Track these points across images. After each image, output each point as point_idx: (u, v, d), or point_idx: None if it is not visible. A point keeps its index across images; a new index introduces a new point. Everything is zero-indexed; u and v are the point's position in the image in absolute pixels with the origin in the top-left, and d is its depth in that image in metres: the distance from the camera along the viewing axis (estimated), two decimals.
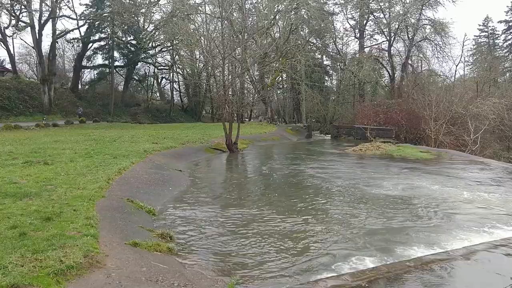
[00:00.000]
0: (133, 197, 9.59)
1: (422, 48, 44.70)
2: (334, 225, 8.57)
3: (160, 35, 53.82)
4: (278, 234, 7.91)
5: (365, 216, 9.28)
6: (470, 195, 11.69)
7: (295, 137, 34.65)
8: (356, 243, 7.41)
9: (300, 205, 10.36)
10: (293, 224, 8.59)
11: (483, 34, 72.66)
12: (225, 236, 7.73)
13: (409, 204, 10.56)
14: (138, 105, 56.94)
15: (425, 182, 13.65)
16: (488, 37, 72.90)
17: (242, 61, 23.28)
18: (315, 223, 8.73)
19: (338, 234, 7.92)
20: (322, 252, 6.95)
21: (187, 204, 10.34)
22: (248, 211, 9.69)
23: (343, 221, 8.85)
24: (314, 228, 8.31)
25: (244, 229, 8.20)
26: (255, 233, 7.97)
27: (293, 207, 10.18)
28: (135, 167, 13.27)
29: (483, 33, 72.64)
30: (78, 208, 7.65)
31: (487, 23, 71.50)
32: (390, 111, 34.45)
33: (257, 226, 8.43)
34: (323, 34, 49.36)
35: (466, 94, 32.55)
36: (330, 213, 9.63)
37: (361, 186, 12.77)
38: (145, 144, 20.02)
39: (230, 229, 8.19)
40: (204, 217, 9.12)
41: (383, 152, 22.34)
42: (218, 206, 10.24)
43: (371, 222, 8.86)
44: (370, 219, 9.09)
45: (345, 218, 9.14)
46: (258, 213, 9.49)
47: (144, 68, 60.57)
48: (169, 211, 9.49)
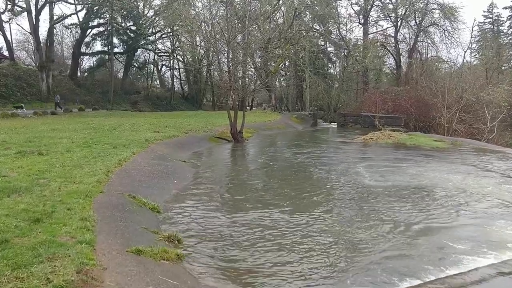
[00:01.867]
0: (135, 192, 8.67)
1: (430, 34, 43.38)
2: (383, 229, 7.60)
3: (160, 20, 52.48)
4: (305, 237, 6.99)
5: (426, 215, 8.37)
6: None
7: (300, 125, 33.63)
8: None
9: (325, 204, 9.43)
10: (322, 228, 7.67)
11: (487, 20, 71.17)
12: (239, 238, 6.82)
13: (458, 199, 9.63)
14: (138, 92, 55.92)
15: (456, 175, 12.61)
16: (493, 24, 71.34)
17: (247, 46, 22.23)
18: (355, 225, 7.74)
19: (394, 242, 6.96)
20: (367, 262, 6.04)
21: (194, 199, 9.42)
22: (263, 209, 8.76)
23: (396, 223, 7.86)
24: (355, 233, 7.37)
25: (260, 230, 7.27)
26: (272, 235, 7.06)
27: (318, 206, 9.22)
28: (136, 158, 12.33)
29: (487, 20, 71.15)
30: (72, 207, 6.72)
31: (492, 9, 69.90)
32: (398, 99, 33.38)
33: (274, 227, 7.52)
34: (326, 20, 48.03)
35: (477, 81, 31.41)
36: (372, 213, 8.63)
37: (401, 181, 11.71)
38: (146, 133, 19.07)
39: (244, 230, 7.27)
40: (213, 215, 8.20)
41: (395, 141, 21.38)
42: (228, 202, 9.31)
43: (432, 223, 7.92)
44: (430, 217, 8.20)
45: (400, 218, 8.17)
46: (275, 212, 8.55)
47: (144, 55, 59.48)
48: (175, 208, 8.57)
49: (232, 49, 20.73)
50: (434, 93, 32.27)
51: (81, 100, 43.06)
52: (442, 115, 27.61)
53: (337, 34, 50.42)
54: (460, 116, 27.42)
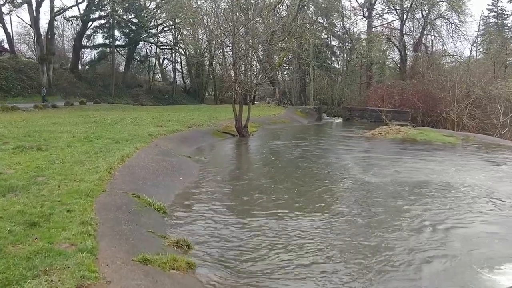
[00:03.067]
0: (139, 191, 8.14)
1: (437, 27, 42.51)
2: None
3: (162, 13, 51.75)
4: (322, 244, 6.48)
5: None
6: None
7: (305, 119, 33.02)
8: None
9: (342, 204, 8.92)
10: (341, 230, 7.15)
11: (491, 14, 70.19)
12: (253, 243, 6.32)
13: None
14: (139, 86, 55.33)
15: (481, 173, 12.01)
16: (497, 18, 70.35)
17: (252, 38, 21.60)
18: (373, 230, 7.25)
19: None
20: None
21: (201, 198, 8.91)
22: (274, 210, 8.25)
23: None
24: (377, 239, 6.86)
25: (276, 234, 6.77)
26: (287, 239, 6.55)
27: (335, 204, 8.72)
28: (140, 154, 11.80)
29: (492, 13, 70.18)
30: (73, 208, 6.21)
31: (496, 3, 68.88)
32: (405, 93, 32.67)
33: (288, 230, 7.00)
34: (330, 13, 47.23)
35: (486, 75, 30.72)
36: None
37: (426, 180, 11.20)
38: (149, 127, 18.54)
39: (256, 235, 6.76)
40: (222, 216, 7.68)
41: (405, 136, 20.79)
42: (237, 202, 8.78)
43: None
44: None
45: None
46: (288, 216, 8.03)
47: (146, 48, 58.74)
48: (182, 208, 8.06)
49: (237, 41, 20.10)
50: (441, 87, 31.64)
51: (82, 94, 42.48)
52: (451, 109, 26.98)
53: (341, 27, 49.62)
54: (470, 111, 26.77)
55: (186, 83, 64.85)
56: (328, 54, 54.27)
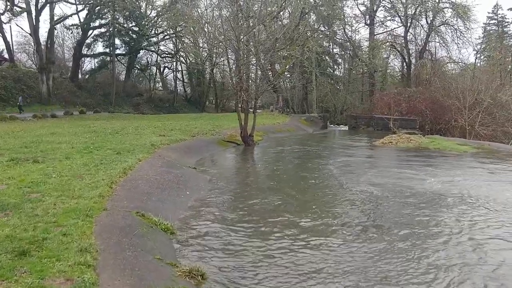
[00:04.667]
0: (143, 209, 7.38)
1: (442, 33, 41.91)
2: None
3: (163, 21, 51.33)
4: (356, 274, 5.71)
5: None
6: None
7: (310, 128, 32.28)
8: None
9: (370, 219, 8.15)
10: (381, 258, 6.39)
11: (492, 22, 69.76)
12: (274, 272, 5.55)
13: None
14: (140, 95, 54.78)
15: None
16: (498, 25, 69.91)
17: (257, 45, 20.92)
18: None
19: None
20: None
21: (212, 216, 8.12)
22: (289, 229, 7.49)
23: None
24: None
25: (298, 260, 6.01)
26: (312, 264, 5.79)
27: (366, 225, 7.94)
28: (143, 165, 11.06)
29: (492, 21, 69.75)
30: (69, 231, 5.46)
31: (496, 10, 68.48)
32: (412, 100, 31.94)
33: (314, 255, 6.25)
34: (332, 20, 46.80)
35: (494, 82, 30.03)
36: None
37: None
38: (151, 136, 17.82)
39: (276, 260, 6.00)
40: (237, 236, 6.92)
41: (417, 145, 19.99)
42: (252, 221, 7.90)
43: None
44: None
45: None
46: (308, 236, 7.28)
47: (147, 57, 58.30)
48: (191, 227, 7.29)
49: (242, 48, 19.43)
50: (448, 94, 30.94)
51: (82, 103, 41.85)
52: (462, 117, 26.23)
53: (342, 35, 49.12)
54: (482, 118, 26.01)
55: (187, 92, 64.41)
56: (330, 62, 53.82)
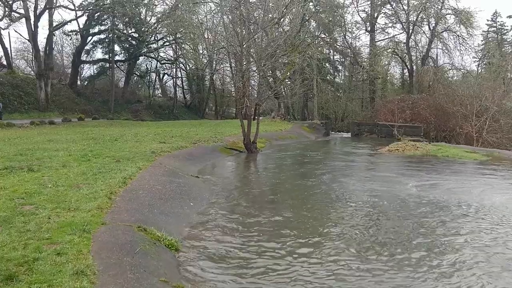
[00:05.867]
0: (145, 222, 6.82)
1: (444, 40, 41.60)
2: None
3: (163, 28, 50.98)
4: None
5: None
6: None
7: (313, 135, 31.75)
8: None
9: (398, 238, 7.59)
10: None
11: (491, 29, 69.56)
12: None
13: None
14: (139, 101, 54.27)
15: None
16: (497, 33, 69.76)
17: (259, 50, 20.46)
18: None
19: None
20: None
21: (218, 229, 7.54)
22: (311, 249, 6.94)
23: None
24: None
25: (315, 277, 5.46)
26: None
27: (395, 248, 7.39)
28: (143, 174, 10.50)
29: (492, 28, 69.55)
30: (64, 249, 4.90)
31: (495, 18, 68.35)
32: (416, 107, 31.51)
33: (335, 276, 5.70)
34: (332, 27, 46.59)
35: (499, 89, 29.64)
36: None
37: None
38: (152, 143, 17.28)
39: (289, 279, 5.45)
40: (248, 254, 6.36)
41: (424, 152, 19.43)
42: (263, 235, 7.26)
43: None
44: None
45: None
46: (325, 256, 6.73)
47: (146, 63, 57.84)
48: (197, 243, 6.71)
49: (245, 53, 18.96)
50: (452, 101, 30.53)
51: (80, 110, 41.35)
52: (470, 124, 25.78)
53: (343, 41, 48.83)
54: (489, 125, 25.55)
55: (187, 98, 63.99)
56: (330, 69, 53.58)
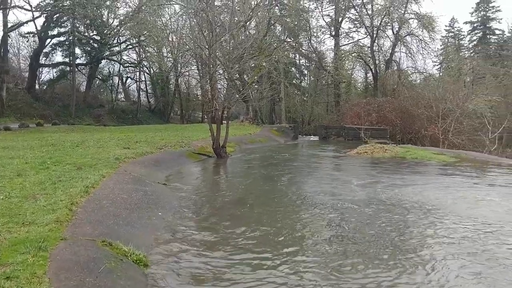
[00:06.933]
0: (110, 235, 6.22)
1: (408, 44, 42.59)
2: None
3: (126, 30, 49.68)
4: None
5: None
6: None
7: (281, 138, 31.58)
8: None
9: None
10: None
11: (449, 35, 71.80)
12: None
13: None
14: (102, 106, 52.66)
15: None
16: (455, 38, 72.14)
17: (226, 54, 20.01)
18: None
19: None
20: None
21: (189, 240, 6.99)
22: (277, 255, 6.54)
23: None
24: None
25: None
26: None
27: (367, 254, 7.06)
28: (107, 182, 9.82)
29: (450, 34, 71.80)
30: (15, 273, 4.27)
31: (453, 23, 70.73)
32: (382, 110, 31.97)
33: None
34: (297, 32, 46.85)
35: (461, 91, 30.42)
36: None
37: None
38: (115, 149, 16.47)
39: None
40: (221, 264, 5.89)
41: (392, 154, 19.51)
42: (235, 245, 6.83)
43: None
44: None
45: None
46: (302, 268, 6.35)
47: (109, 67, 56.25)
48: (167, 257, 6.15)
49: (213, 55, 18.43)
50: (417, 104, 31.12)
51: (39, 115, 39.57)
52: (436, 126, 26.25)
53: (308, 46, 49.13)
54: (455, 127, 26.11)
55: (151, 103, 62.73)
56: (296, 73, 53.87)
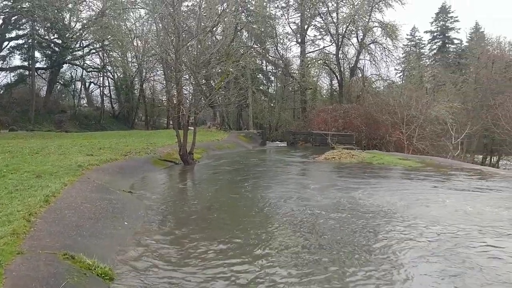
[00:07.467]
0: (73, 247, 5.83)
1: (372, 51, 43.51)
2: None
3: (89, 34, 48.36)
4: None
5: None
6: None
7: (249, 144, 31.46)
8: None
9: None
10: None
11: (411, 43, 73.93)
12: None
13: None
14: (63, 112, 50.92)
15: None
16: (416, 46, 74.35)
17: (193, 59, 19.73)
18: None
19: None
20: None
21: (157, 251, 6.69)
22: (247, 263, 6.34)
23: None
24: None
25: None
26: None
27: None
28: (69, 191, 9.34)
29: (411, 42, 73.93)
30: None
31: (414, 32, 72.95)
32: (348, 116, 32.51)
33: None
34: (264, 38, 47.10)
35: (424, 98, 31.28)
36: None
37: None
38: (78, 156, 15.83)
39: None
40: (190, 278, 5.62)
41: (360, 160, 19.74)
42: (203, 257, 6.53)
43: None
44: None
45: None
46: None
47: (71, 71, 54.53)
48: (134, 269, 5.84)
49: (180, 61, 18.08)
50: (381, 110, 31.78)
51: None
52: (401, 131, 26.84)
53: (275, 52, 49.42)
54: (418, 133, 26.77)
55: (115, 108, 61.27)
56: (263, 79, 54.10)
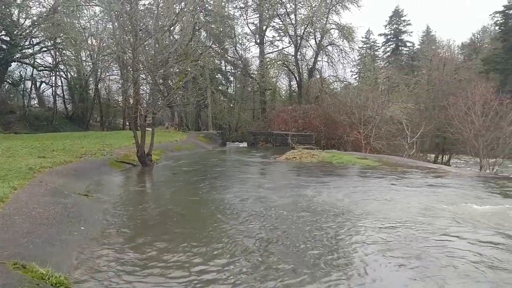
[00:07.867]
0: (24, 256, 5.43)
1: (329, 53, 44.26)
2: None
3: (40, 31, 46.31)
4: None
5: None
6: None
7: (209, 145, 31.14)
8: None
9: None
10: None
11: (366, 46, 75.89)
12: None
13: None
14: (12, 112, 48.54)
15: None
16: (370, 49, 76.34)
17: (149, 58, 19.25)
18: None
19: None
20: None
21: (114, 259, 6.36)
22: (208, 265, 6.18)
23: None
24: None
25: None
26: None
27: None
28: (20, 195, 8.79)
29: (366, 45, 75.88)
30: None
31: (369, 35, 74.99)
32: (307, 116, 32.92)
33: None
34: (223, 38, 46.89)
35: (380, 99, 32.17)
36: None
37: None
38: (29, 158, 15.02)
39: None
40: (149, 283, 5.39)
41: (320, 159, 19.97)
42: (166, 265, 6.29)
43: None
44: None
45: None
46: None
47: (20, 70, 52.03)
48: (92, 277, 5.52)
49: (137, 60, 17.58)
50: (339, 111, 32.38)
51: None
52: (358, 131, 27.42)
53: (234, 53, 49.28)
54: (375, 133, 27.47)
55: (68, 109, 59.03)
56: (222, 79, 53.82)
